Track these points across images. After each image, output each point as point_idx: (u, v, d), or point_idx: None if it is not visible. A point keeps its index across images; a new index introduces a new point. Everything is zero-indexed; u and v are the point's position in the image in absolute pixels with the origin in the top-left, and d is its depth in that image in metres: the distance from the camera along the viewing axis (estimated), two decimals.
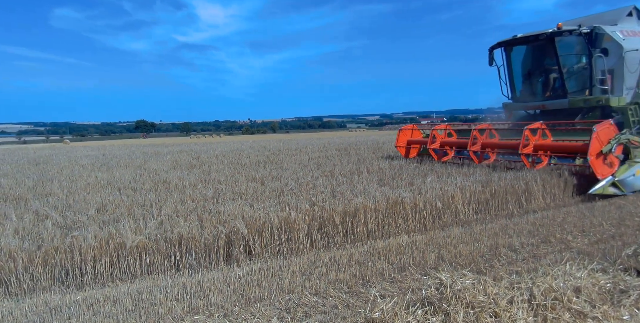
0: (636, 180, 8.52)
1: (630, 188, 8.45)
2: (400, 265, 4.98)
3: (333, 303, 4.06)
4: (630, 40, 11.15)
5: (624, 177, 8.33)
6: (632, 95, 11.34)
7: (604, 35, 10.93)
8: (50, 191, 8.69)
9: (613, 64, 11.01)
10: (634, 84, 11.33)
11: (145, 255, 5.06)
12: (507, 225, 6.56)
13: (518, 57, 12.56)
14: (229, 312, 3.88)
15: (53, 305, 4.11)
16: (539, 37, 11.27)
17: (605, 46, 10.87)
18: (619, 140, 8.40)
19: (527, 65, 12.52)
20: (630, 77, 11.08)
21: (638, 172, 8.52)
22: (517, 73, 12.70)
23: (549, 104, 11.90)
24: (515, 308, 3.04)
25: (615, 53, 10.91)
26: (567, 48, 11.29)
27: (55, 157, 19.95)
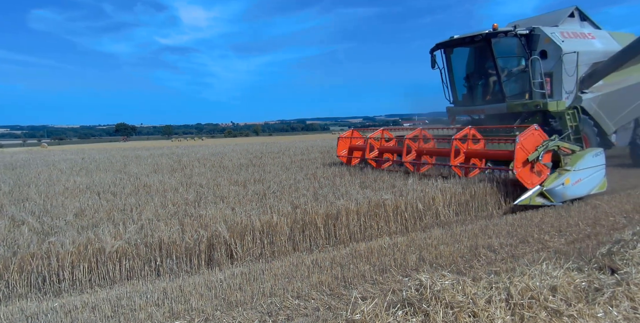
0: (566, 190, 7.92)
1: (560, 198, 7.89)
2: (381, 267, 5.01)
3: (315, 306, 4.06)
4: (569, 42, 10.89)
5: (553, 186, 7.79)
6: (572, 99, 11.06)
7: (543, 37, 10.60)
8: (27, 196, 8.51)
9: (552, 66, 10.73)
10: (573, 88, 11.02)
11: (125, 260, 5.00)
12: (487, 226, 6.66)
13: (458, 59, 12.07)
14: (210, 317, 3.85)
15: (29, 313, 4.03)
16: (475, 39, 10.73)
17: (545, 48, 10.64)
18: (547, 147, 7.91)
19: (466, 68, 12.09)
20: (568, 80, 10.79)
21: (567, 181, 7.91)
22: (458, 76, 12.20)
23: (488, 108, 11.42)
24: (493, 308, 3.09)
25: (554, 55, 10.65)
26: (504, 50, 10.87)
27: (33, 161, 19.56)
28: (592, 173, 8.28)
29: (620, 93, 11.85)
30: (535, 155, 7.77)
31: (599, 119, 11.42)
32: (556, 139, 8.08)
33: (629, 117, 12.46)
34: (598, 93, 11.41)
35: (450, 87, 12.27)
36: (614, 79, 11.71)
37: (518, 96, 10.91)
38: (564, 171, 7.96)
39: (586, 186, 8.18)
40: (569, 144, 8.44)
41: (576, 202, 8.30)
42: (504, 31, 10.35)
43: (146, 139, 79.35)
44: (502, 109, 10.91)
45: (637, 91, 12.27)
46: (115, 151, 29.36)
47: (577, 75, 10.69)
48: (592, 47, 11.45)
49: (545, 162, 7.94)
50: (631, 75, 12.25)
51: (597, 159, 8.50)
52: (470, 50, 11.79)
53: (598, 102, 11.34)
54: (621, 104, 11.96)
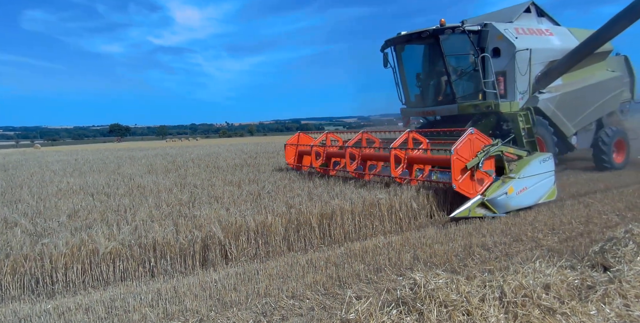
0: (509, 200, 7.20)
1: (503, 208, 7.18)
2: (376, 266, 5.02)
3: (310, 306, 4.07)
4: (524, 39, 10.12)
5: (495, 196, 7.07)
6: (527, 99, 10.33)
7: (495, 34, 9.92)
8: (20, 197, 8.46)
9: (505, 65, 10.00)
10: (527, 87, 10.24)
11: (118, 261, 4.97)
12: (481, 225, 6.68)
13: (409, 57, 11.26)
14: (204, 317, 3.85)
15: (22, 315, 4.00)
16: (422, 35, 9.95)
17: (497, 45, 9.96)
18: (488, 152, 7.13)
19: (417, 66, 11.28)
20: (522, 79, 10.02)
21: (511, 190, 7.18)
22: (411, 76, 11.39)
23: (439, 109, 10.74)
24: (487, 306, 3.11)
25: (507, 53, 9.91)
26: (454, 48, 10.07)
27: (26, 162, 19.44)
28: (540, 180, 7.60)
29: (580, 93, 11.22)
30: (475, 162, 7.01)
31: (557, 121, 10.78)
32: (499, 144, 7.31)
33: (590, 118, 11.86)
34: (556, 93, 10.76)
35: (402, 87, 11.53)
36: (573, 78, 11.17)
37: (470, 96, 10.21)
38: (507, 179, 7.27)
39: (532, 195, 7.52)
40: (515, 149, 7.72)
41: (569, 200, 8.34)
42: (452, 27, 9.62)
43: (140, 140, 79.06)
44: (453, 110, 10.27)
45: (598, 91, 11.74)
46: (109, 152, 29.23)
47: (530, 74, 10.01)
48: (549, 44, 10.72)
49: (487, 169, 7.20)
50: (593, 74, 11.75)
51: (545, 165, 7.78)
52: (420, 48, 11.05)
53: (556, 102, 10.70)
54: (581, 105, 11.34)
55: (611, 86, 12.16)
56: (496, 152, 7.25)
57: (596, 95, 11.65)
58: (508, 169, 7.43)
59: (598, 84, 11.68)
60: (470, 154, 7.08)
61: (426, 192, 7.37)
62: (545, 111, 10.48)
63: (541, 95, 10.41)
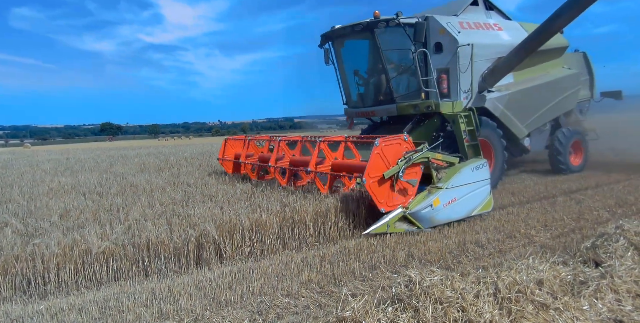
0: (435, 213, 6.33)
1: (428, 222, 6.33)
2: (371, 264, 5.04)
3: (305, 304, 4.07)
4: (468, 34, 9.30)
5: (419, 208, 6.23)
6: (473, 99, 9.37)
7: (436, 28, 9.14)
8: (10, 197, 8.37)
9: (448, 61, 9.15)
10: (471, 86, 9.30)
11: (112, 261, 4.93)
12: (475, 222, 6.73)
13: (349, 54, 10.33)
14: (199, 316, 3.83)
15: (15, 316, 3.96)
16: (355, 29, 9.19)
17: (440, 40, 9.17)
18: (409, 160, 6.27)
19: (357, 63, 10.41)
20: (465, 77, 9.15)
21: (437, 202, 6.33)
22: (350, 73, 10.51)
23: (379, 110, 9.96)
24: (482, 302, 3.13)
25: (449, 48, 9.08)
26: (391, 42, 9.29)
27: (15, 161, 19.22)
28: (472, 190, 6.71)
29: (533, 92, 10.46)
30: (394, 171, 6.18)
31: (507, 122, 9.94)
32: (424, 149, 6.49)
33: (545, 118, 11.10)
34: (505, 92, 9.93)
35: (343, 86, 10.68)
36: (526, 76, 10.49)
37: (411, 96, 9.34)
38: (434, 189, 6.46)
39: (464, 207, 6.65)
40: (444, 155, 6.83)
41: (561, 196, 8.40)
42: (385, 20, 8.77)
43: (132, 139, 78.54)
44: (392, 110, 9.52)
45: (553, 89, 10.97)
46: (100, 151, 29.00)
47: (473, 71, 9.11)
48: (497, 39, 9.87)
49: (409, 178, 6.37)
50: (547, 72, 11.08)
51: (479, 173, 6.85)
52: (359, 44, 10.11)
53: (505, 102, 9.87)
54: (534, 104, 10.59)
55: (567, 84, 11.46)
56: (421, 159, 6.43)
57: (551, 94, 10.95)
58: (436, 178, 6.60)
59: (553, 82, 10.98)
60: (393, 159, 6.28)
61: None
62: (494, 111, 9.69)
63: (489, 95, 9.60)
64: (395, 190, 6.28)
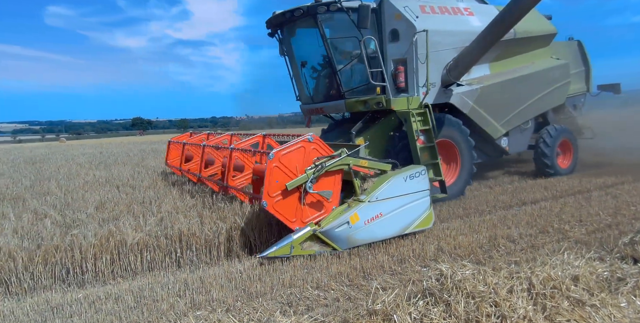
0: (355, 231, 5.25)
1: (345, 243, 5.26)
2: (400, 257, 5.02)
3: (334, 296, 4.09)
4: (429, 19, 7.96)
5: (333, 226, 5.14)
6: (435, 94, 8.10)
7: (393, 12, 7.86)
8: (48, 190, 8.67)
9: (405, 51, 7.87)
10: (429, 79, 7.77)
11: (146, 252, 5.07)
12: (506, 216, 6.60)
13: (300, 43, 9.05)
14: (231, 307, 3.90)
15: (54, 304, 4.12)
16: (295, 14, 7.96)
17: (396, 27, 7.88)
18: (321, 168, 5.18)
19: (307, 54, 9.12)
20: (423, 69, 7.76)
21: (355, 218, 5.23)
22: (299, 65, 9.31)
23: (327, 106, 8.76)
24: (515, 298, 3.08)
25: (406, 36, 7.77)
26: (336, 30, 8.15)
27: (52, 155, 19.89)
28: (405, 204, 5.61)
29: (512, 85, 9.15)
30: (300, 182, 5.10)
31: (478, 120, 8.72)
32: (343, 155, 5.36)
33: (526, 115, 9.74)
34: (476, 86, 8.60)
35: (295, 80, 9.45)
36: (505, 68, 9.26)
37: (361, 91, 8.13)
38: (354, 203, 5.41)
39: (393, 224, 5.53)
40: (372, 161, 5.77)
41: (596, 191, 8.15)
42: (326, 4, 7.55)
43: (162, 133, 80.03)
44: (340, 107, 8.41)
45: (537, 82, 9.64)
46: (132, 145, 29.73)
47: (429, 62, 7.68)
48: (465, 25, 8.48)
49: (321, 190, 5.26)
50: (531, 62, 9.80)
51: (415, 183, 5.74)
52: (307, 32, 8.70)
53: (476, 97, 8.56)
54: (512, 99, 9.30)
55: (554, 76, 10.08)
56: (339, 167, 5.35)
57: (534, 87, 9.62)
58: (359, 189, 5.54)
59: (537, 73, 9.65)
60: (302, 168, 5.20)
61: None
62: (461, 108, 8.46)
63: (456, 89, 8.34)
64: (304, 204, 5.21)
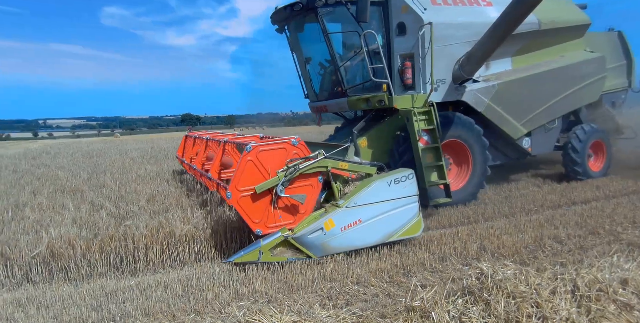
0: (330, 238, 4.96)
1: (320, 250, 4.98)
2: (441, 255, 4.98)
3: (374, 292, 4.13)
4: (438, 11, 7.42)
5: (306, 232, 4.89)
6: (445, 91, 7.56)
7: (399, 5, 7.43)
8: (104, 183, 9.16)
9: (412, 46, 7.42)
10: (440, 75, 7.36)
11: (193, 243, 5.29)
12: (553, 216, 6.40)
13: (305, 39, 8.73)
14: (272, 299, 4.03)
15: (109, 290, 4.39)
16: (294, 8, 7.60)
17: (403, 20, 7.43)
18: (294, 171, 4.91)
19: (313, 50, 8.78)
20: (428, 64, 7.23)
21: (330, 224, 4.95)
22: (305, 61, 9.03)
23: (330, 104, 8.49)
24: (558, 299, 3.01)
25: (413, 30, 7.32)
26: (341, 24, 7.99)
27: (107, 150, 20.92)
28: (388, 210, 5.22)
29: (536, 80, 8.40)
30: (271, 184, 4.83)
31: (495, 118, 8.10)
32: (320, 157, 5.10)
33: (553, 113, 8.94)
34: (493, 82, 7.97)
35: (303, 76, 9.14)
36: (530, 62, 8.54)
37: (364, 88, 7.76)
38: (331, 208, 5.11)
39: (373, 231, 5.17)
40: (354, 164, 5.44)
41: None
42: None
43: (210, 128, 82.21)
44: (343, 105, 8.06)
45: (566, 77, 8.82)
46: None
47: (433, 56, 7.16)
48: (481, 17, 7.67)
49: (294, 193, 4.96)
50: (561, 56, 8.97)
51: (400, 188, 5.30)
52: (312, 27, 8.33)
53: (493, 94, 7.94)
54: (537, 96, 8.57)
55: (587, 71, 9.19)
56: (315, 169, 5.06)
57: (562, 83, 8.82)
58: (338, 194, 5.26)
59: (566, 68, 8.81)
60: (273, 169, 4.95)
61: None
62: (475, 106, 7.87)
63: (470, 86, 7.76)
64: (277, 208, 4.96)
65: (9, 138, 73.41)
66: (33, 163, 13.94)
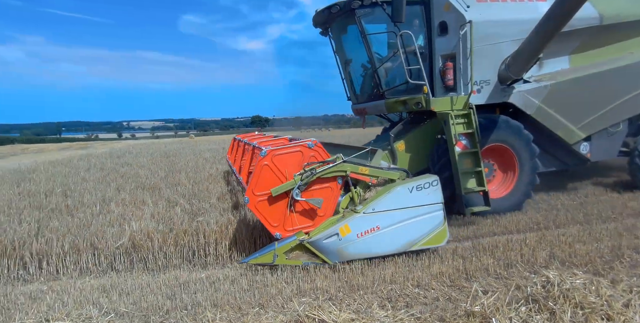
0: (345, 244, 4.88)
1: (336, 256, 4.91)
2: (507, 262, 4.83)
3: (434, 296, 4.10)
4: (483, 8, 7.05)
5: (321, 237, 4.83)
6: (488, 93, 7.19)
7: (441, 3, 7.15)
8: (179, 181, 9.72)
9: (454, 45, 7.07)
10: (484, 75, 7.04)
11: (259, 240, 5.52)
12: (635, 224, 5.98)
13: (347, 41, 8.60)
14: (333, 296, 4.12)
15: (182, 281, 4.71)
16: (332, 11, 7.57)
17: (445, 19, 7.15)
18: (311, 175, 4.89)
19: (354, 52, 8.56)
20: (476, 65, 6.86)
21: (346, 230, 4.86)
22: (349, 64, 8.85)
23: (369, 107, 8.34)
24: (632, 312, 2.86)
25: (455, 29, 7.01)
26: (379, 25, 7.70)
27: (182, 150, 22.09)
28: (409, 217, 5.04)
29: (596, 80, 7.72)
30: (287, 188, 4.85)
31: (548, 122, 7.55)
32: (337, 161, 5.05)
33: (617, 116, 8.13)
34: (546, 82, 7.43)
35: (345, 79, 9.04)
36: (592, 59, 7.86)
37: (408, 90, 7.37)
38: (349, 213, 5.03)
39: (393, 238, 5.00)
40: (375, 169, 5.30)
41: None
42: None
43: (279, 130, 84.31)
44: (381, 108, 7.86)
45: (635, 76, 8.01)
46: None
47: (472, 57, 6.81)
48: (531, 13, 7.01)
49: (311, 197, 4.94)
50: (630, 53, 8.13)
51: (423, 195, 5.11)
52: (353, 29, 8.16)
53: (545, 95, 7.41)
54: (598, 97, 7.87)
55: None
56: (334, 173, 5.04)
57: (629, 82, 8.04)
58: (357, 199, 5.17)
59: (635, 65, 8.00)
60: (291, 172, 4.96)
61: None
62: (525, 108, 7.40)
63: (519, 86, 7.31)
64: (295, 211, 4.97)
65: (97, 138, 79.86)
66: (117, 162, 15.06)
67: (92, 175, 11.17)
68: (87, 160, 15.95)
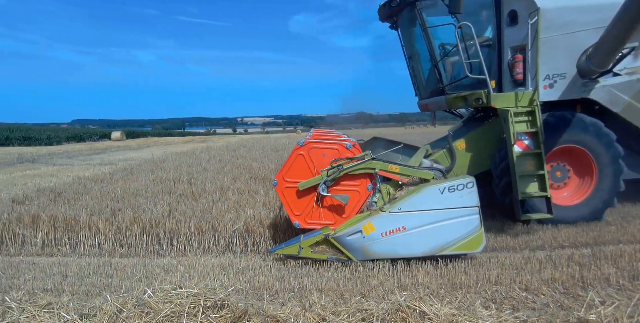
0: (369, 242, 4.80)
1: (360, 254, 4.88)
2: (633, 273, 4.42)
3: (544, 302, 3.91)
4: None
5: (345, 233, 4.82)
6: (562, 88, 6.46)
7: None
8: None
9: (524, 36, 6.43)
10: (560, 68, 6.37)
11: None
12: None
13: (408, 35, 8.29)
14: (434, 293, 4.12)
15: (290, 265, 5.03)
16: (392, 4, 7.47)
17: (515, 8, 6.55)
18: (338, 171, 4.94)
19: (415, 46, 8.25)
20: (549, 57, 6.30)
21: (370, 228, 4.77)
22: (415, 59, 8.47)
23: (431, 103, 8.05)
24: None
25: (525, 18, 6.37)
26: (436, 17, 7.22)
27: (289, 145, 23.05)
28: (439, 220, 4.77)
29: None
30: (314, 182, 4.98)
31: (636, 120, 6.56)
32: (366, 158, 5.03)
33: None
34: (636, 76, 6.45)
35: (413, 74, 8.77)
36: None
37: (472, 85, 6.93)
38: (375, 211, 4.92)
39: (421, 241, 4.79)
40: (407, 168, 5.15)
41: None
42: None
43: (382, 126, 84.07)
44: (442, 104, 7.50)
45: None
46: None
47: (538, 47, 6.16)
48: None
49: (338, 193, 5.01)
50: None
51: (455, 197, 4.79)
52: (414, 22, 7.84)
53: (637, 90, 6.43)
54: None
55: None
56: (362, 170, 5.02)
57: None
58: (386, 197, 5.10)
59: None
60: (322, 167, 5.08)
61: None
62: (609, 105, 6.51)
63: (604, 80, 6.46)
64: (322, 206, 5.09)
65: (215, 133, 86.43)
66: (233, 154, 16.24)
67: (212, 165, 12.22)
68: (207, 152, 17.47)
